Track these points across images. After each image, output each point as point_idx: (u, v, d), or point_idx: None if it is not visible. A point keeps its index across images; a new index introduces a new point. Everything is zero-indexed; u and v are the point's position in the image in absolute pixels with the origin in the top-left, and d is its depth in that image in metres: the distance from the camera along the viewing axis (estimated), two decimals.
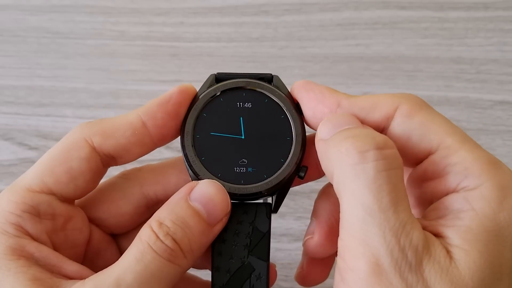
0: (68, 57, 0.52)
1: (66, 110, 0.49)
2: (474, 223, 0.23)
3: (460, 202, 0.24)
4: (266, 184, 0.28)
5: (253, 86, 0.29)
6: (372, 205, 0.22)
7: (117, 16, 0.53)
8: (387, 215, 0.22)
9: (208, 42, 0.52)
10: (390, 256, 0.22)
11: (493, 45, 0.51)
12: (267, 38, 0.52)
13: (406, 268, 0.22)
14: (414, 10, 0.53)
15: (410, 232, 0.22)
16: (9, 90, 0.50)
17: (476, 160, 0.24)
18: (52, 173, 0.27)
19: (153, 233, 0.25)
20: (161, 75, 0.51)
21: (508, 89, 0.49)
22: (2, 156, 0.48)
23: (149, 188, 0.31)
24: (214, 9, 0.53)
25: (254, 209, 0.28)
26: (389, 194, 0.22)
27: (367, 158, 0.23)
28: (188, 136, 0.28)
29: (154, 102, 0.28)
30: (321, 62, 0.51)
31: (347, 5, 0.53)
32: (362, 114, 0.27)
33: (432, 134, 0.25)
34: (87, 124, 0.28)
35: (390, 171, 0.23)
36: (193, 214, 0.26)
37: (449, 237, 0.23)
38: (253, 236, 0.28)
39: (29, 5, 0.54)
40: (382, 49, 0.51)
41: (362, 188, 0.23)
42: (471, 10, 0.52)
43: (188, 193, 0.26)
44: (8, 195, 0.27)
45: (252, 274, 0.28)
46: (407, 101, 0.26)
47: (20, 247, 0.26)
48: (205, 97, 0.29)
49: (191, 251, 0.26)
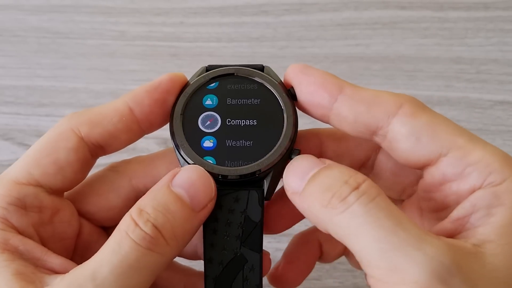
0: (68, 57, 0.52)
1: (66, 110, 0.49)
2: (506, 218, 0.23)
3: (489, 198, 0.24)
4: (257, 165, 0.27)
5: (243, 73, 0.29)
6: (380, 234, 0.22)
7: (117, 16, 0.53)
8: (399, 236, 0.22)
9: (208, 42, 0.52)
10: (425, 270, 0.21)
11: (493, 45, 0.51)
12: (267, 38, 0.52)
13: (447, 274, 0.22)
14: (414, 10, 0.53)
15: (431, 241, 0.22)
16: (9, 90, 0.50)
17: (495, 156, 0.25)
18: (38, 164, 0.27)
19: (132, 221, 0.24)
20: (161, 75, 0.51)
21: (508, 89, 0.49)
22: (2, 156, 0.48)
23: (139, 181, 0.30)
24: (214, 9, 0.53)
25: (245, 196, 0.28)
26: (389, 218, 0.22)
27: (350, 202, 0.23)
28: (176, 121, 0.28)
29: (142, 89, 0.28)
30: (321, 62, 0.51)
31: (347, 5, 0.53)
32: (363, 106, 0.26)
33: (442, 134, 0.25)
34: (74, 114, 0.28)
35: (376, 199, 0.23)
36: (175, 200, 0.25)
37: (482, 233, 0.23)
38: (245, 226, 0.27)
39: (29, 5, 0.54)
40: (382, 49, 0.51)
41: (362, 226, 0.23)
42: (471, 10, 0.52)
43: (171, 180, 0.26)
44: None
45: (245, 266, 0.27)
46: (409, 102, 0.26)
47: (4, 240, 0.25)
48: (195, 84, 0.29)
49: (174, 237, 0.25)
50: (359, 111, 0.26)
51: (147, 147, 0.47)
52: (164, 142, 0.48)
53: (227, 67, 0.29)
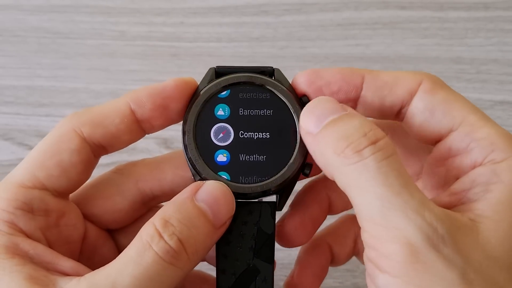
0: (68, 57, 0.52)
1: (66, 110, 0.49)
2: (503, 195, 0.24)
3: (488, 175, 0.24)
4: (271, 182, 0.27)
5: (255, 81, 0.28)
6: (386, 192, 0.22)
7: (117, 16, 0.53)
8: (403, 197, 0.22)
9: (208, 42, 0.52)
10: (421, 233, 0.22)
11: (493, 45, 0.51)
12: (267, 38, 0.52)
13: (440, 241, 0.22)
14: (414, 10, 0.53)
15: (432, 208, 0.23)
16: (9, 90, 0.50)
17: (501, 135, 0.25)
18: (43, 167, 0.27)
19: (156, 232, 0.24)
20: (161, 75, 0.51)
21: (508, 89, 0.49)
22: (2, 156, 0.48)
23: (145, 184, 0.30)
24: (214, 9, 0.53)
25: (258, 208, 0.28)
26: (397, 178, 0.23)
27: (364, 155, 0.23)
28: (189, 134, 0.27)
29: (145, 91, 0.27)
30: (321, 62, 0.51)
31: (347, 5, 0.53)
32: (386, 88, 0.27)
33: (455, 111, 0.26)
34: (75, 114, 0.28)
35: (390, 158, 0.23)
36: (199, 215, 0.25)
37: (478, 209, 0.24)
38: (258, 237, 0.28)
39: (29, 5, 0.54)
40: (382, 49, 0.51)
41: (370, 180, 0.23)
42: (471, 10, 0.52)
43: (194, 193, 0.26)
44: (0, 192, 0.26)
45: (257, 277, 0.27)
46: (429, 78, 0.26)
47: (14, 245, 0.25)
48: (206, 93, 0.28)
49: (195, 253, 0.25)
50: (383, 95, 0.27)
51: (147, 147, 0.47)
52: (164, 142, 0.48)
53: (236, 71, 0.29)
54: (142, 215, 0.32)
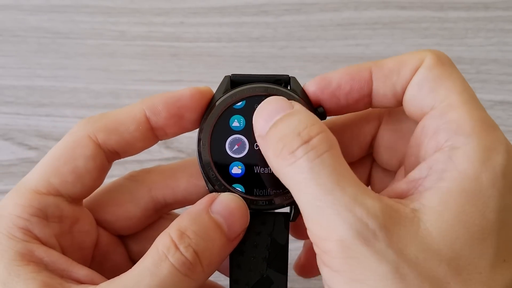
0: (68, 57, 0.52)
1: (66, 110, 0.49)
2: (454, 184, 0.23)
3: (445, 162, 0.23)
4: (286, 197, 0.27)
5: (271, 92, 0.28)
6: (318, 191, 0.23)
7: (117, 16, 0.53)
8: (335, 195, 0.22)
9: (208, 42, 0.52)
10: (350, 230, 0.22)
11: (493, 45, 0.51)
12: (267, 38, 0.52)
13: (371, 236, 0.22)
14: (414, 10, 0.53)
15: (363, 202, 0.22)
16: (9, 90, 0.50)
17: (470, 119, 0.24)
18: (58, 173, 0.26)
19: (172, 244, 0.24)
20: (161, 75, 0.51)
21: (508, 89, 0.49)
22: (2, 156, 0.48)
23: (158, 192, 0.30)
24: (214, 9, 0.53)
25: (272, 219, 0.28)
26: (329, 176, 0.23)
27: (297, 155, 0.23)
28: (205, 144, 0.27)
29: (160, 99, 0.27)
30: (321, 62, 0.51)
31: (347, 5, 0.53)
32: (394, 74, 0.26)
33: (442, 89, 0.25)
34: (89, 119, 0.28)
35: (323, 155, 0.23)
36: (215, 227, 0.25)
37: (426, 198, 0.23)
38: (271, 248, 0.28)
39: (29, 5, 0.54)
40: (382, 49, 0.51)
41: (303, 182, 0.23)
42: (471, 10, 0.52)
43: (209, 205, 0.26)
44: (14, 198, 0.26)
45: (270, 287, 0.27)
46: (432, 55, 0.26)
47: (29, 252, 0.25)
48: (221, 104, 0.28)
49: (210, 265, 0.25)
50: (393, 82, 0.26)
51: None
52: (164, 142, 0.48)
53: (252, 80, 0.28)
54: (154, 222, 0.32)
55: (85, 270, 0.26)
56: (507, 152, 0.23)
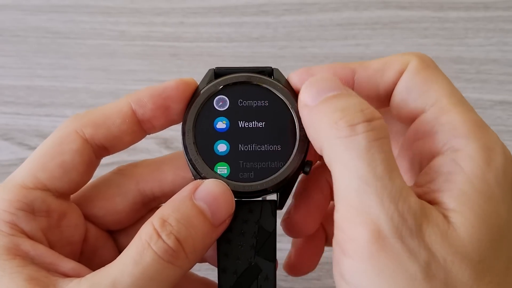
0: (68, 57, 0.52)
1: (66, 110, 0.49)
2: (466, 185, 0.23)
3: (449, 165, 0.24)
4: (271, 181, 0.27)
5: (254, 81, 0.28)
6: (367, 174, 0.22)
7: (117, 16, 0.53)
8: (383, 183, 0.22)
9: (208, 42, 0.52)
10: (390, 222, 0.22)
11: (493, 45, 0.51)
12: (267, 38, 0.52)
13: (407, 233, 0.22)
14: (414, 10, 0.53)
15: (407, 198, 0.22)
16: (9, 90, 0.50)
17: (465, 121, 0.24)
18: (45, 168, 0.27)
19: (154, 232, 0.24)
20: (161, 75, 0.51)
21: (508, 89, 0.49)
22: (2, 156, 0.48)
23: (145, 185, 0.30)
24: (214, 9, 0.53)
25: (259, 207, 0.28)
26: (383, 162, 0.22)
27: (357, 130, 0.23)
28: (189, 133, 0.27)
29: (146, 92, 0.28)
30: (321, 62, 0.51)
31: (347, 5, 0.53)
32: (377, 76, 0.26)
33: (431, 92, 0.25)
34: (77, 116, 0.28)
35: (381, 140, 0.23)
36: (198, 214, 0.25)
37: (444, 202, 0.23)
38: (259, 235, 0.27)
39: (29, 5, 0.54)
40: (382, 49, 0.51)
41: (355, 159, 0.22)
42: (471, 10, 0.52)
43: (193, 192, 0.26)
44: (1, 193, 0.26)
45: (259, 275, 0.27)
46: (417, 58, 0.26)
47: (15, 246, 0.25)
48: (205, 93, 0.28)
49: (194, 252, 0.25)
50: (376, 83, 0.26)
51: (147, 147, 0.47)
52: (164, 142, 0.48)
53: (236, 71, 0.29)
54: (143, 216, 0.32)
55: (72, 263, 0.26)
56: (504, 152, 0.24)
